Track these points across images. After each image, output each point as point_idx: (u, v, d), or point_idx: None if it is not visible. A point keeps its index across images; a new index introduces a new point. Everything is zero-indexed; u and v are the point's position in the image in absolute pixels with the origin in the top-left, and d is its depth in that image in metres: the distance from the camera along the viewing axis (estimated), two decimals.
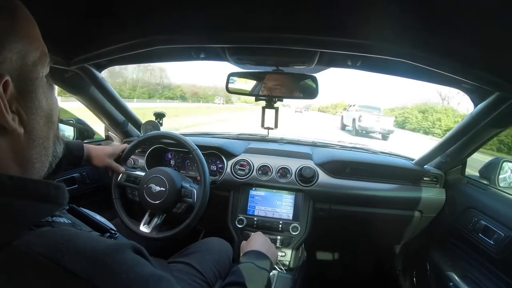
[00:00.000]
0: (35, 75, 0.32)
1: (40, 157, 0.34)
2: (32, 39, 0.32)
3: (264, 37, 0.60)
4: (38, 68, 0.33)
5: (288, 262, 1.06)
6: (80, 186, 1.14)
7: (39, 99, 0.33)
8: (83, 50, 0.74)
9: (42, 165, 0.35)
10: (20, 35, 0.30)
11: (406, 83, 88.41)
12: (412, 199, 1.13)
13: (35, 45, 0.32)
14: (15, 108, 0.30)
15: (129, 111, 1.29)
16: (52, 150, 0.37)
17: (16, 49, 0.30)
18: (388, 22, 0.51)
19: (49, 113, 0.35)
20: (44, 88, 0.34)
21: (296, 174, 1.13)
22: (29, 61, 0.31)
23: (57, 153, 0.38)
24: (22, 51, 0.30)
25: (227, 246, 0.96)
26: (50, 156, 0.36)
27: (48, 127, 0.35)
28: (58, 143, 0.38)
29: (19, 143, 0.31)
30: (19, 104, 0.30)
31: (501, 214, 0.89)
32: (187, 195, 0.94)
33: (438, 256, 1.13)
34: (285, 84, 0.95)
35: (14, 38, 0.29)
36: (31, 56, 0.32)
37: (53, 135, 0.37)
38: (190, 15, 0.58)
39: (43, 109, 0.33)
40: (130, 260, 0.30)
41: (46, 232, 0.30)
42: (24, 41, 0.31)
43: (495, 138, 0.98)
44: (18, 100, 0.30)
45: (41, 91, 0.33)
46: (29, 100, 0.32)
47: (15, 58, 0.30)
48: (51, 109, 0.35)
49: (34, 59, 0.32)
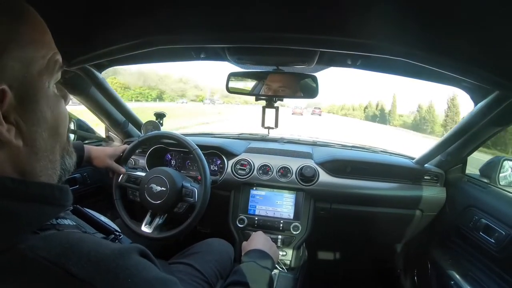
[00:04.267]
0: (39, 84, 0.30)
1: (45, 170, 0.32)
2: (39, 46, 0.30)
3: (264, 36, 0.60)
4: (43, 77, 0.31)
5: (289, 261, 1.06)
6: (81, 187, 1.14)
7: (42, 111, 0.31)
8: (84, 50, 0.74)
9: (49, 178, 0.33)
10: (25, 41, 0.29)
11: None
12: (412, 198, 1.13)
13: (42, 53, 0.30)
14: (14, 119, 0.28)
15: (129, 111, 1.29)
16: (60, 163, 0.35)
17: (18, 57, 0.28)
18: (388, 22, 0.51)
19: (54, 125, 0.33)
20: (49, 98, 0.32)
21: (296, 174, 1.13)
22: (34, 70, 0.29)
23: (66, 166, 0.36)
24: (26, 59, 0.29)
25: (228, 247, 0.96)
26: (58, 169, 0.35)
27: (53, 140, 0.33)
28: (68, 156, 0.36)
29: (18, 155, 0.29)
30: (19, 115, 0.28)
31: (502, 213, 0.89)
32: (188, 194, 0.95)
33: (439, 254, 1.13)
34: (289, 85, 0.95)
35: (17, 45, 0.28)
36: (36, 64, 0.30)
37: (61, 148, 0.35)
38: (190, 15, 0.58)
39: (46, 121, 0.31)
40: (135, 264, 0.29)
41: (51, 235, 0.29)
42: (28, 48, 0.29)
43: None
44: (17, 111, 0.28)
45: (45, 102, 0.31)
46: (30, 111, 0.30)
47: (18, 66, 0.28)
48: (57, 121, 0.33)
49: (39, 67, 0.30)
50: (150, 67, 64.86)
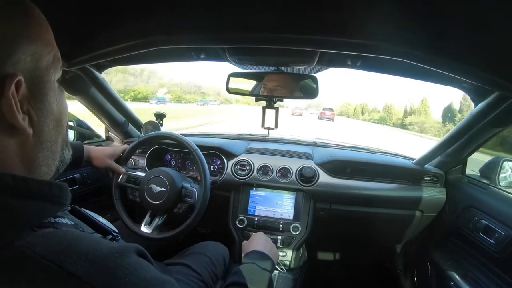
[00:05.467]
0: (47, 78, 0.33)
1: (46, 160, 0.34)
2: (45, 42, 0.33)
3: (264, 37, 0.60)
4: (50, 71, 0.33)
5: (289, 262, 1.06)
6: (81, 187, 1.14)
7: (50, 102, 0.33)
8: (84, 51, 0.74)
9: (49, 168, 0.35)
10: (34, 37, 0.31)
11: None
12: (412, 198, 1.13)
13: (48, 49, 0.33)
14: (26, 109, 0.30)
15: (129, 111, 1.29)
16: (59, 155, 0.36)
17: (29, 51, 0.30)
18: (388, 22, 0.51)
19: (59, 117, 0.35)
20: (55, 92, 0.34)
21: (296, 174, 1.13)
22: (42, 64, 0.32)
23: (64, 158, 0.38)
24: (36, 54, 0.31)
25: (223, 249, 0.96)
26: (57, 160, 0.36)
27: (57, 131, 0.35)
28: (66, 149, 0.38)
29: (27, 144, 0.31)
30: (30, 105, 0.31)
31: (502, 213, 0.89)
32: (187, 195, 0.95)
33: (439, 255, 1.13)
34: (285, 85, 0.95)
35: (28, 40, 0.30)
36: (44, 59, 0.32)
37: (62, 140, 0.37)
38: (191, 16, 0.58)
39: (53, 112, 0.34)
40: (133, 264, 0.29)
41: (48, 233, 0.29)
42: (37, 44, 0.31)
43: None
44: (29, 101, 0.30)
45: (52, 94, 0.34)
46: (40, 102, 0.32)
47: (29, 59, 0.30)
48: (61, 113, 0.35)
49: (47, 62, 0.32)
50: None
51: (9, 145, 0.30)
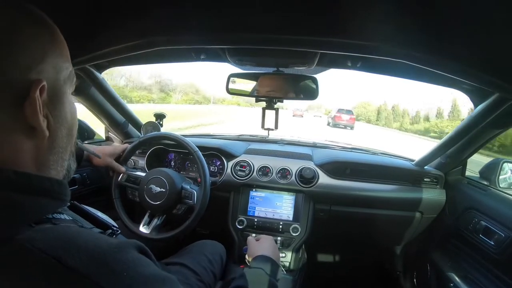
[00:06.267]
0: (64, 89, 0.36)
1: (56, 164, 0.36)
2: (65, 59, 0.36)
3: (264, 38, 0.60)
4: (67, 84, 0.36)
5: (289, 263, 1.06)
6: (80, 187, 1.14)
7: (65, 111, 0.36)
8: (84, 51, 0.74)
9: (57, 173, 0.36)
10: (57, 53, 0.35)
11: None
12: (412, 200, 1.13)
13: (66, 65, 0.36)
14: (45, 113, 0.33)
15: (129, 112, 1.29)
16: (67, 163, 0.38)
17: (53, 63, 0.33)
18: (389, 24, 0.51)
19: (71, 127, 0.38)
20: (70, 104, 0.37)
21: (296, 175, 1.13)
22: (61, 77, 0.35)
23: (70, 168, 0.39)
24: (57, 67, 0.34)
25: (220, 248, 0.96)
26: (64, 168, 0.38)
27: (68, 139, 0.37)
28: (73, 160, 0.40)
29: (41, 146, 0.33)
30: (49, 110, 0.33)
31: (502, 215, 0.89)
32: (187, 196, 0.94)
33: (439, 257, 1.13)
34: (285, 85, 0.95)
35: (53, 54, 0.34)
36: (63, 72, 0.35)
37: (70, 150, 0.39)
38: (191, 16, 0.58)
39: (67, 121, 0.37)
40: (132, 259, 0.29)
41: (47, 229, 0.30)
42: (59, 59, 0.35)
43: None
44: (48, 107, 0.33)
45: (68, 105, 0.37)
46: (57, 110, 0.35)
47: (52, 71, 0.33)
48: (73, 124, 0.38)
49: (64, 76, 0.36)
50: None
51: (25, 145, 0.32)
